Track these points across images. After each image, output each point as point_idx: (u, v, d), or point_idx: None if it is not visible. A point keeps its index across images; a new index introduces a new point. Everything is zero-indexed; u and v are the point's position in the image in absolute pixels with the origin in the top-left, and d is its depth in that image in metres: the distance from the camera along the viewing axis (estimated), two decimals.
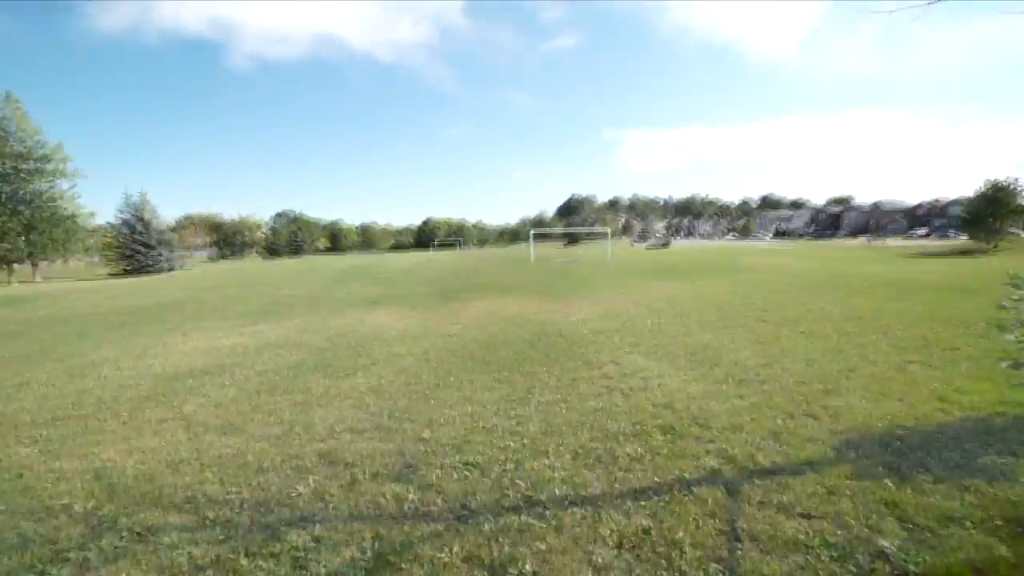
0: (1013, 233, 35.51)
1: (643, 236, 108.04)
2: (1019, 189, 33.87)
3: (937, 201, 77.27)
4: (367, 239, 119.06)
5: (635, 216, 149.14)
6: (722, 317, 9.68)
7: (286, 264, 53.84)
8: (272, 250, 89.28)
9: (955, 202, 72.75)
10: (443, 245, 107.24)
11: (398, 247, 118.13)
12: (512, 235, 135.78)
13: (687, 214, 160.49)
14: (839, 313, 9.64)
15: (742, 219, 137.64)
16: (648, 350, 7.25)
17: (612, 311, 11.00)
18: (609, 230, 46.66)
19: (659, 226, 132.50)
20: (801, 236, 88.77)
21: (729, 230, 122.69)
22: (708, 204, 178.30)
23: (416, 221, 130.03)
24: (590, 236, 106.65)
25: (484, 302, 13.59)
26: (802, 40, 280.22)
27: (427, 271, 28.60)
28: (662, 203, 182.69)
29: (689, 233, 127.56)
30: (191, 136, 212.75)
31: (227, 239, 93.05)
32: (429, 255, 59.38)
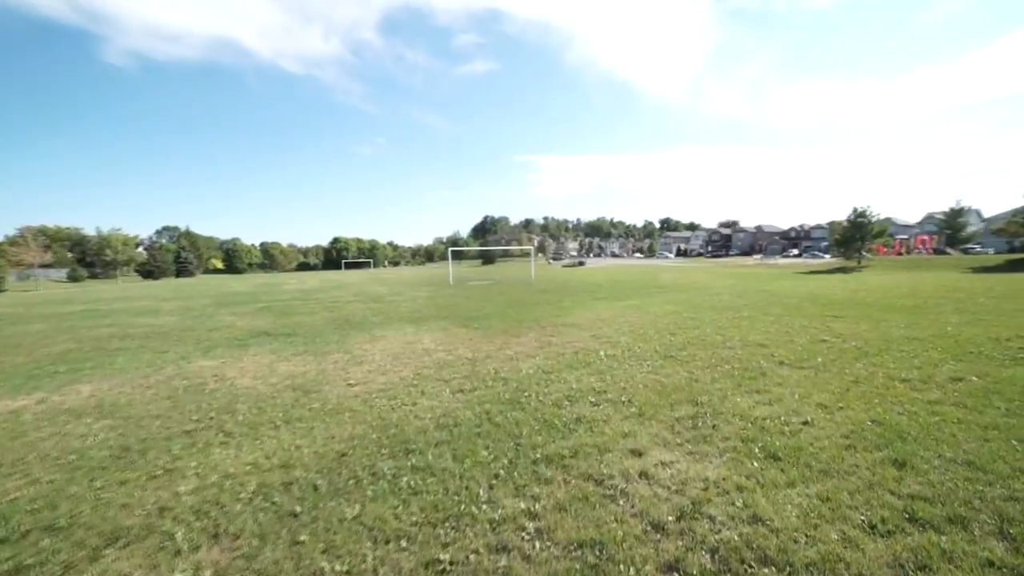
0: (871, 252, 40.37)
1: (558, 255, 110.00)
2: (873, 216, 39.15)
3: (803, 226, 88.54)
4: (269, 259, 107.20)
5: (549, 236, 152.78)
6: (715, 355, 7.50)
7: (162, 286, 44.24)
8: (150, 271, 74.68)
9: (817, 227, 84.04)
10: (354, 265, 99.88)
11: (305, 267, 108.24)
12: (427, 255, 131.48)
13: (597, 235, 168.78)
14: (842, 343, 7.99)
15: (646, 240, 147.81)
16: (682, 437, 4.58)
17: (570, 350, 8.37)
18: (532, 249, 45.13)
19: (572, 246, 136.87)
20: (699, 255, 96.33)
21: (636, 250, 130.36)
22: (615, 226, 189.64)
23: (325, 240, 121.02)
24: (506, 255, 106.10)
25: (397, 336, 10.28)
26: (689, 82, 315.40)
27: (331, 294, 24.04)
28: (573, 224, 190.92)
29: (600, 253, 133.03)
30: (46, 136, 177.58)
31: (86, 257, 76.39)
32: (337, 276, 53.02)
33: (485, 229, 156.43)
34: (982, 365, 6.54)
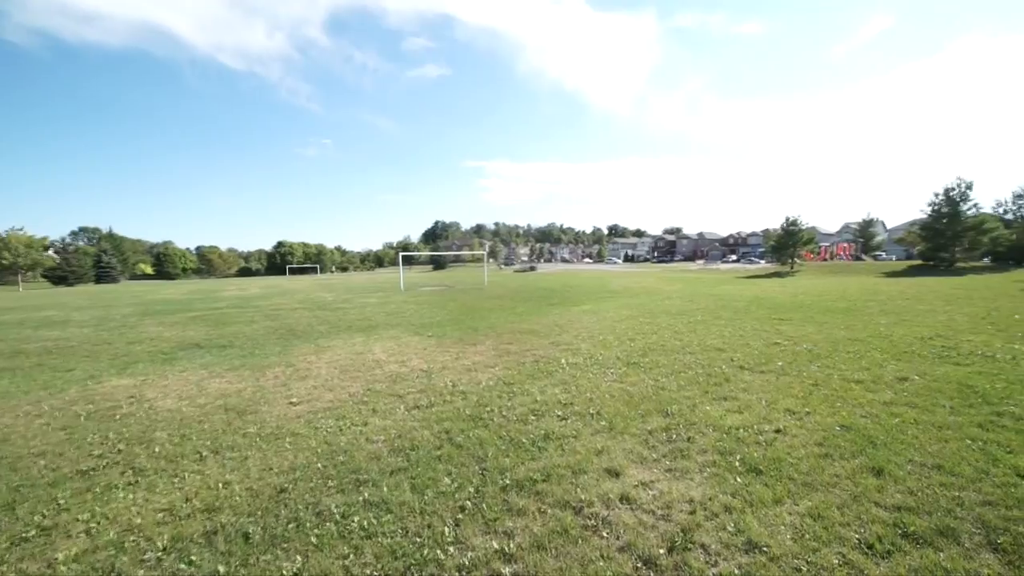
0: (800, 259, 43.73)
1: (509, 261, 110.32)
2: (803, 225, 42.48)
3: (740, 233, 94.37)
4: (206, 264, 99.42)
5: (500, 242, 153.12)
6: (677, 361, 7.44)
7: (76, 294, 39.37)
8: (63, 276, 66.20)
9: (753, 234, 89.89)
10: (299, 270, 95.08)
11: (246, 273, 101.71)
12: (376, 260, 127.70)
13: (547, 240, 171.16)
14: (794, 346, 8.22)
15: (595, 246, 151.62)
16: (658, 452, 4.33)
17: (530, 358, 8.04)
18: (485, 254, 44.71)
19: (523, 251, 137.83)
20: (646, 260, 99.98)
21: (585, 255, 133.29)
22: (565, 232, 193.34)
23: (268, 244, 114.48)
24: (457, 261, 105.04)
25: (345, 346, 9.50)
26: (634, 95, 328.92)
27: (274, 301, 22.33)
28: (523, 230, 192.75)
29: (551, 258, 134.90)
30: None
31: None
32: (282, 282, 49.84)
33: (436, 234, 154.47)
34: (918, 364, 6.90)
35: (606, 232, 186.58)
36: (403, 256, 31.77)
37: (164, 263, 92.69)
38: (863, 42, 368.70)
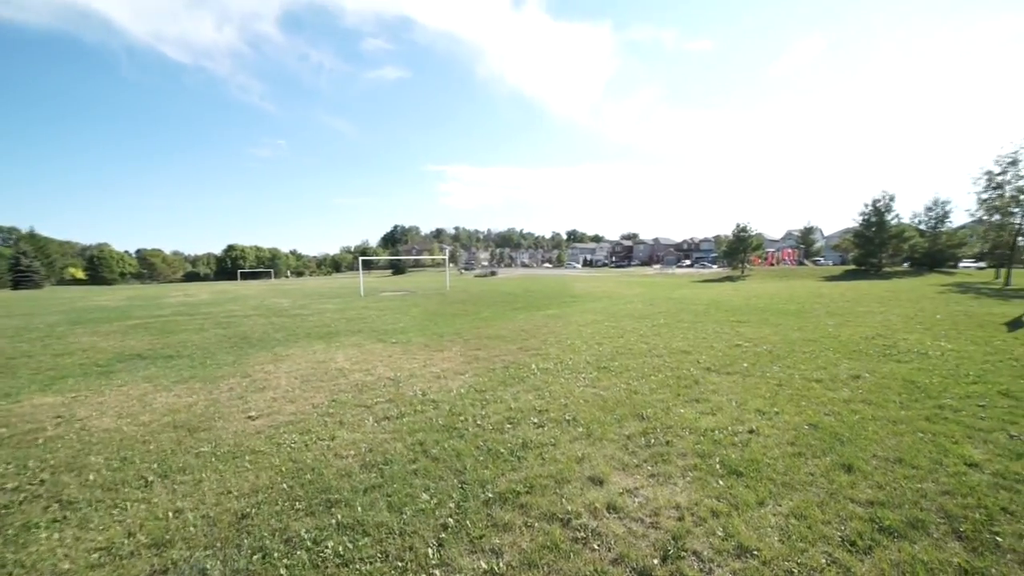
0: (750, 263, 46.09)
1: (469, 265, 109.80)
2: (752, 232, 44.74)
3: (693, 238, 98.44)
4: (148, 268, 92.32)
5: (460, 246, 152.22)
6: (646, 364, 7.54)
7: None
8: None
9: (705, 239, 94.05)
10: (251, 275, 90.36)
11: (193, 278, 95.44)
12: (333, 264, 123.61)
13: (507, 245, 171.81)
14: (755, 347, 8.54)
15: (554, 251, 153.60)
16: (639, 457, 4.31)
17: (500, 364, 7.91)
18: (447, 259, 44.17)
19: (483, 256, 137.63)
20: (604, 265, 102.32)
21: (545, 260, 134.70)
22: (525, 237, 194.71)
23: (218, 248, 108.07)
24: (417, 265, 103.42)
25: (305, 354, 8.98)
26: (591, 104, 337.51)
27: (225, 307, 20.93)
28: (484, 235, 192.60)
29: (511, 263, 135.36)
30: None
31: None
32: (233, 287, 46.92)
33: (395, 238, 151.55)
34: (867, 362, 7.34)
35: (565, 237, 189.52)
36: (362, 261, 30.80)
37: (99, 267, 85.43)
38: (797, 62, 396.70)
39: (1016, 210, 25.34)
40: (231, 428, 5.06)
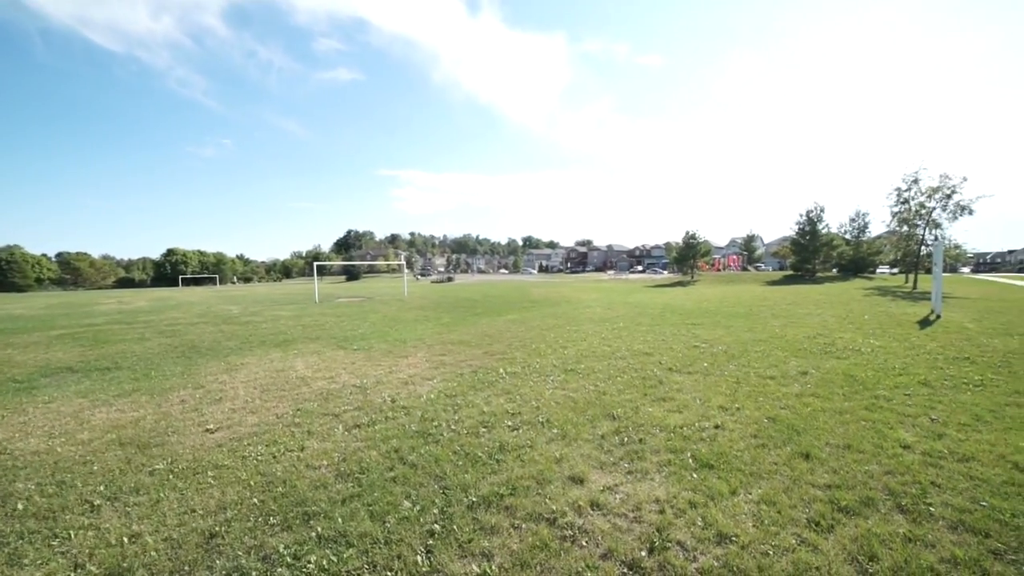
0: (698, 269, 48.48)
1: (425, 271, 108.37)
2: (700, 239, 47.07)
3: (645, 245, 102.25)
4: (72, 273, 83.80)
5: (416, 252, 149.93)
6: (611, 366, 7.76)
7: None
8: None
9: (656, 246, 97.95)
10: (194, 281, 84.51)
11: (127, 284, 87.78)
12: (283, 270, 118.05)
13: (463, 251, 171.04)
14: (711, 348, 9.00)
15: (510, 257, 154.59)
16: (615, 455, 4.41)
17: (467, 369, 7.88)
18: (404, 265, 43.32)
19: (440, 262, 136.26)
20: (560, 271, 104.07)
21: (501, 266, 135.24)
22: (481, 243, 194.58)
23: (156, 252, 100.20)
24: (372, 271, 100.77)
25: (262, 363, 8.50)
26: (546, 113, 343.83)
27: (168, 315, 19.37)
28: (440, 241, 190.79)
29: (467, 269, 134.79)
30: None
31: None
32: (175, 294, 43.52)
33: (349, 244, 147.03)
34: (812, 359, 7.93)
35: (521, 243, 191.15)
36: (316, 266, 29.62)
37: (9, 272, 76.89)
38: (738, 79, 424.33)
39: (919, 223, 28.29)
40: (188, 442, 4.73)
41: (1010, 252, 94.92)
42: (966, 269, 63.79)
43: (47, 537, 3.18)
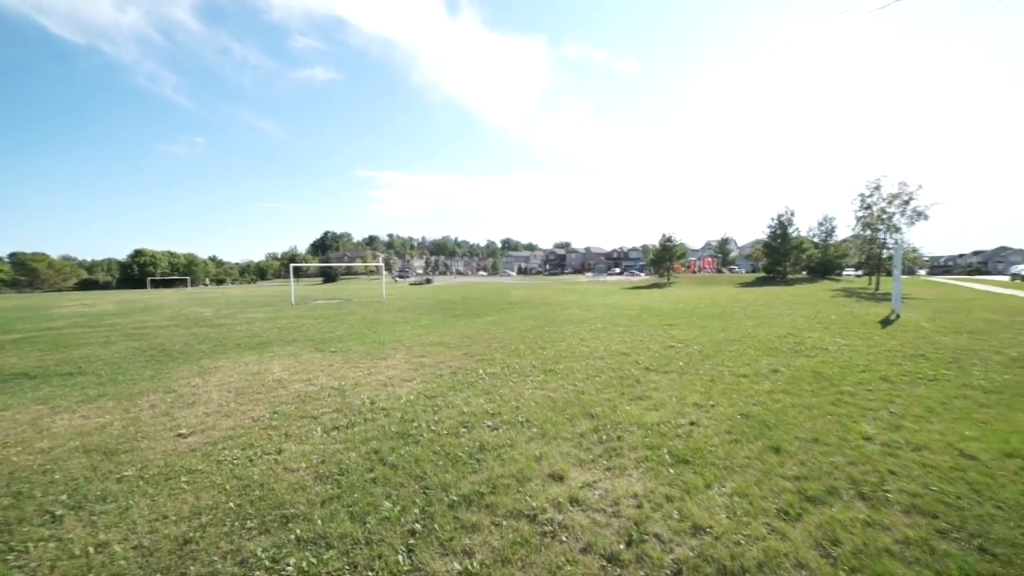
0: (674, 271, 49.49)
1: (404, 273, 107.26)
2: (676, 242, 48.06)
3: (622, 248, 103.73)
4: (29, 275, 79.37)
5: (394, 254, 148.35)
6: (589, 366, 7.87)
7: None
8: None
9: (633, 249, 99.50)
10: (164, 283, 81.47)
11: (90, 286, 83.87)
12: (258, 272, 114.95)
13: (442, 253, 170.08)
14: (686, 348, 9.22)
15: (489, 259, 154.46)
16: (593, 453, 4.49)
17: (447, 370, 7.87)
18: (382, 266, 42.81)
19: (418, 264, 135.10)
20: (538, 273, 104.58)
21: (480, 268, 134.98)
22: (460, 245, 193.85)
23: (122, 253, 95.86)
24: (349, 273, 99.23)
25: (236, 366, 8.28)
26: (525, 116, 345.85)
27: (136, 318, 18.58)
28: (418, 242, 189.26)
29: (446, 271, 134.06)
30: None
31: None
32: (143, 296, 41.72)
33: (326, 245, 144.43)
34: (782, 358, 8.22)
35: (500, 245, 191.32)
36: (293, 268, 28.99)
37: None
38: (711, 86, 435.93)
39: (881, 227, 29.61)
40: (159, 448, 4.59)
41: (960, 256, 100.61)
42: (923, 272, 67.07)
43: (1, 552, 3.04)
